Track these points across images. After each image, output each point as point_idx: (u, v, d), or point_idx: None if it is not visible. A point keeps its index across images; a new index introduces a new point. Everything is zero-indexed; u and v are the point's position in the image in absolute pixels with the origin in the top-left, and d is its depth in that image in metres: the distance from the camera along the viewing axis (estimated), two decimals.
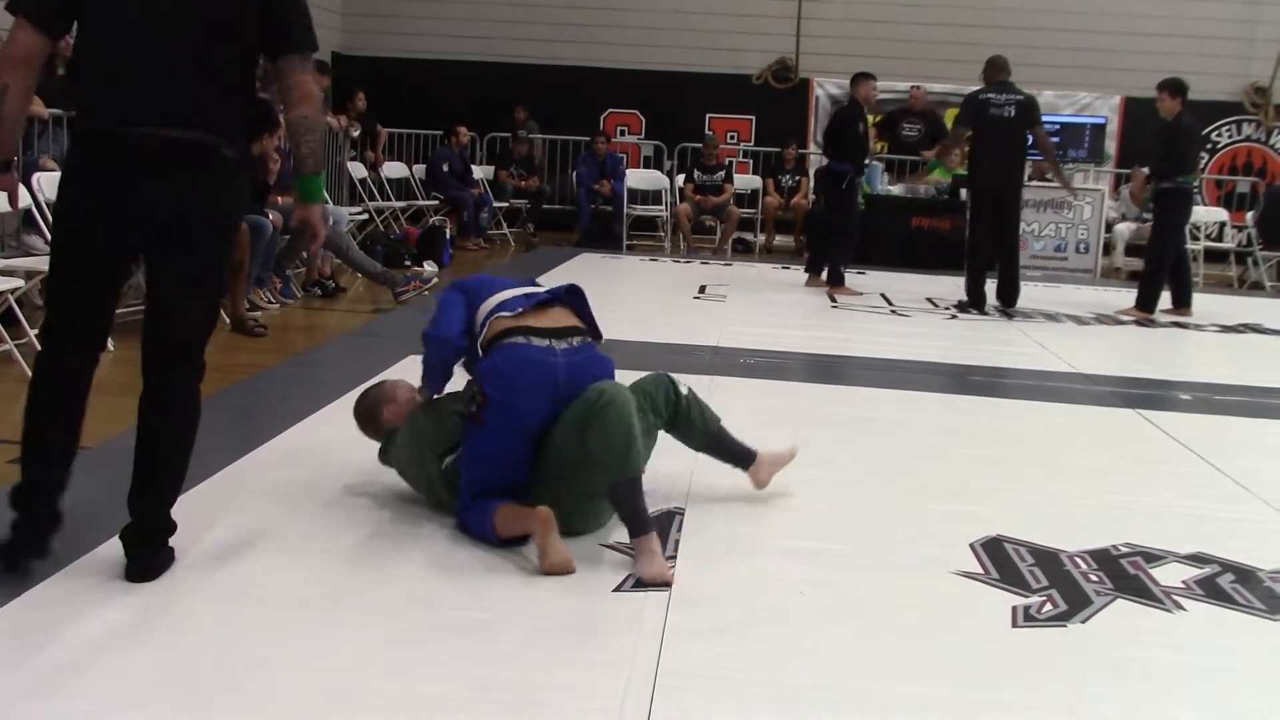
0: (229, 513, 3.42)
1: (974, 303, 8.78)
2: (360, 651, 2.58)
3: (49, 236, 6.02)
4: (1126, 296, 9.34)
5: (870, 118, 9.87)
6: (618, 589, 3.01)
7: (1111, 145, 13.81)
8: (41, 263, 5.97)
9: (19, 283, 5.45)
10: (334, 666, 2.50)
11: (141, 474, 2.95)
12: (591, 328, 3.50)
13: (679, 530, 3.45)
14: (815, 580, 3.15)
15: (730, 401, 5.25)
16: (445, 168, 12.11)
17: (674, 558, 3.23)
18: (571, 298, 3.51)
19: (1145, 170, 9.74)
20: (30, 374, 3.02)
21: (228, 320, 6.65)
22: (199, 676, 2.43)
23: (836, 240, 9.58)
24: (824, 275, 9.67)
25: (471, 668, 2.54)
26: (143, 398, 2.98)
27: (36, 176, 6.09)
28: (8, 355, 5.19)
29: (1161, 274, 9.01)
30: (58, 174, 6.36)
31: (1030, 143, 8.92)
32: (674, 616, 2.84)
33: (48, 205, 6.04)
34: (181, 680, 2.41)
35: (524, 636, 2.71)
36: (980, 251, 8.88)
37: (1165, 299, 9.16)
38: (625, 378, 3.45)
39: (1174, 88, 8.82)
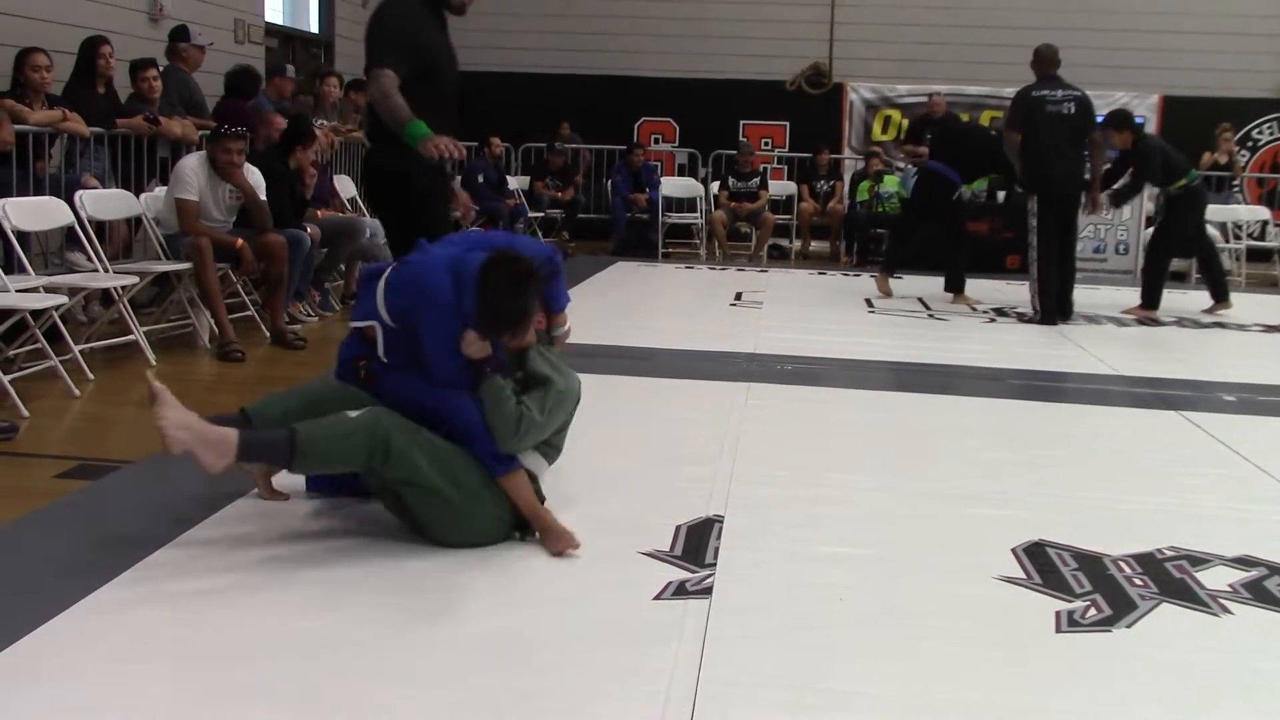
0: (264, 524, 3.44)
1: (1048, 315, 8.21)
2: (399, 662, 2.59)
3: (90, 253, 6.13)
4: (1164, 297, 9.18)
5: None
6: (658, 596, 3.01)
7: None
8: (84, 280, 6.04)
9: (63, 299, 5.49)
10: (372, 677, 2.51)
11: None
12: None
13: (718, 538, 3.45)
14: (855, 586, 3.14)
15: (768, 408, 5.26)
16: (480, 179, 12.16)
17: (714, 565, 3.23)
18: None
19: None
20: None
21: (267, 333, 6.72)
22: (234, 687, 2.44)
23: (953, 248, 9.27)
24: (961, 289, 9.19)
25: (513, 676, 2.54)
26: None
27: (79, 194, 6.13)
28: (52, 371, 5.24)
29: (1154, 273, 8.82)
30: (100, 191, 6.48)
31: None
32: (714, 624, 2.84)
33: (90, 222, 6.11)
34: (212, 691, 2.42)
35: (564, 644, 2.71)
36: (1052, 264, 8.23)
37: (1205, 298, 9.12)
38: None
39: (1117, 123, 8.70)
